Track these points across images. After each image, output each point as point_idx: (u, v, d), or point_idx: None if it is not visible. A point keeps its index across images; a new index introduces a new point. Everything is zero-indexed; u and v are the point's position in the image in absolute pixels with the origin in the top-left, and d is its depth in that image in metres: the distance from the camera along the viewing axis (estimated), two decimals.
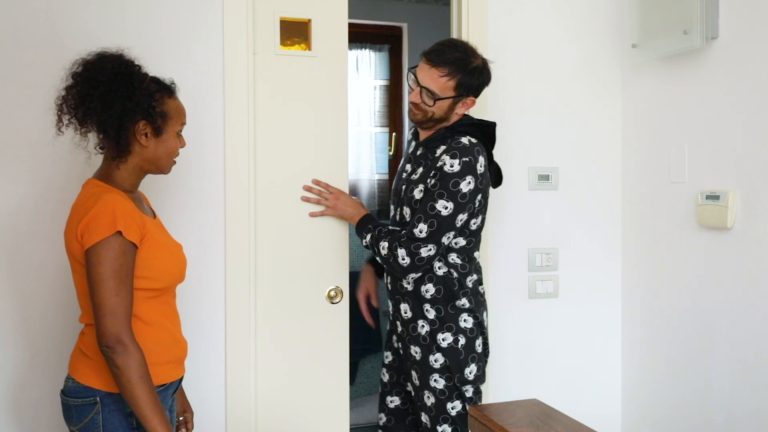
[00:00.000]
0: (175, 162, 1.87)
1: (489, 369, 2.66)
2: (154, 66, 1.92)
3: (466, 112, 2.27)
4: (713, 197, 2.37)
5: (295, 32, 2.47)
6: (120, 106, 1.70)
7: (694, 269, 2.49)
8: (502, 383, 2.70)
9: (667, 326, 2.61)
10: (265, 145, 2.42)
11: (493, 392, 2.69)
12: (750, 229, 2.27)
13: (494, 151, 2.29)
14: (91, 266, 1.65)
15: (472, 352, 2.20)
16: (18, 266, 2.15)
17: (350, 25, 2.53)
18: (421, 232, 2.11)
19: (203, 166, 2.33)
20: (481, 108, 2.58)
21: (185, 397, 2.05)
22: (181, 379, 1.92)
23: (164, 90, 1.80)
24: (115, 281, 1.64)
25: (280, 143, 2.44)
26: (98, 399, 1.69)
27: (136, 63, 1.80)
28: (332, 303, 2.49)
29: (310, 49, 2.47)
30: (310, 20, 2.46)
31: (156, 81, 1.80)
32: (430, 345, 2.19)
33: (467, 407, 2.14)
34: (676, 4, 2.45)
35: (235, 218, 2.36)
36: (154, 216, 1.94)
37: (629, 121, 2.82)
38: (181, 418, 2.03)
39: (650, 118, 2.70)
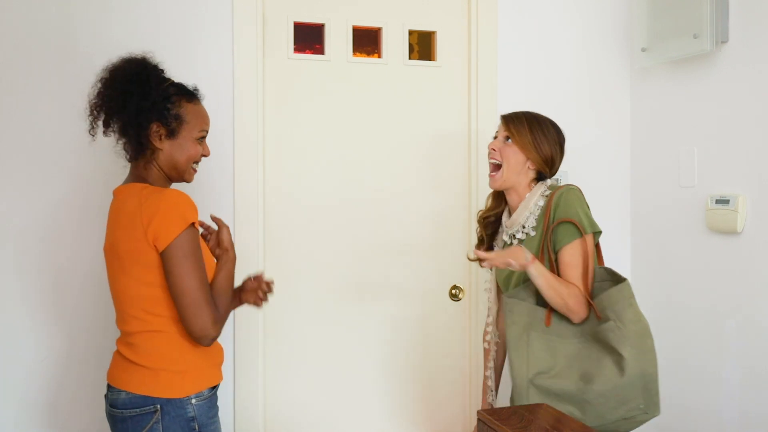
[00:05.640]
0: (195, 170, 1.83)
1: None
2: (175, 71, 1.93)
3: None
4: (723, 201, 2.36)
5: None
6: (135, 106, 1.70)
7: (704, 274, 2.48)
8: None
9: (676, 330, 2.60)
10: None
11: (502, 396, 2.69)
12: (760, 233, 2.27)
13: None
14: (175, 261, 1.64)
15: None
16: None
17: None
18: None
19: (212, 169, 2.34)
20: (491, 112, 2.58)
21: None
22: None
23: (183, 94, 1.78)
24: (200, 272, 1.66)
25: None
26: (158, 407, 1.67)
27: (159, 67, 1.80)
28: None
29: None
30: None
31: (175, 85, 1.79)
32: None
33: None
34: (685, 8, 2.44)
35: (245, 221, 2.37)
36: None
37: (638, 125, 2.81)
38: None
39: (659, 121, 2.70)
